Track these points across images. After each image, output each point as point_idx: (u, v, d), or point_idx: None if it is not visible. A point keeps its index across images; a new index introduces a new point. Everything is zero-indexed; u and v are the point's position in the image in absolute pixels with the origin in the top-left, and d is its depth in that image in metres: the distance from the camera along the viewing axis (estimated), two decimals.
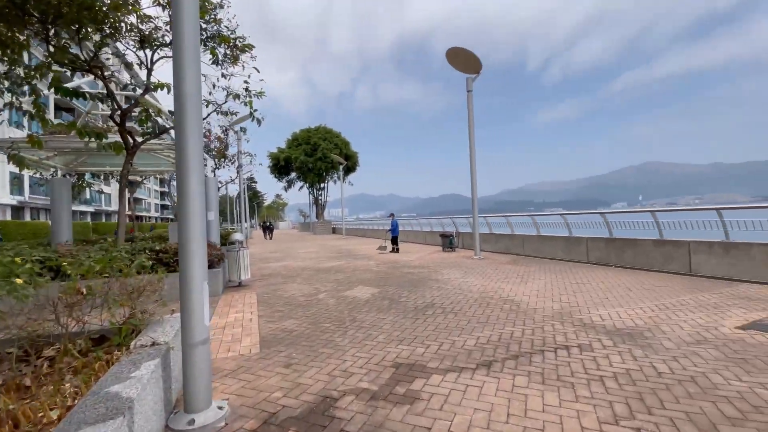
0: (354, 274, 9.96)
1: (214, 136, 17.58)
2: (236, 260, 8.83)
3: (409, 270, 10.34)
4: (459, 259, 12.61)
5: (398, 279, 8.93)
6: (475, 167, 12.70)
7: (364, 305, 6.43)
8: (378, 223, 31.40)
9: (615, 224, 10.27)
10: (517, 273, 9.23)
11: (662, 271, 8.79)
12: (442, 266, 10.86)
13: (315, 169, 40.66)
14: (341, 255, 15.57)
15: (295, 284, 8.85)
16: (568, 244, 11.44)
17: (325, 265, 12.33)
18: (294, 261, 13.97)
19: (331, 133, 42.46)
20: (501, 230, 15.00)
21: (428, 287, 7.76)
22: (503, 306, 6.02)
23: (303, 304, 6.73)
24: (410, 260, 12.65)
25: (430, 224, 20.14)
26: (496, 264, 11.00)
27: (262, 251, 19.73)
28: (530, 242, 12.90)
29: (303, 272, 10.81)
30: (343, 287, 8.18)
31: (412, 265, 11.44)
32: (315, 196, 45.91)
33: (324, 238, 31.23)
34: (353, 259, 13.88)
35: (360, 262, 12.58)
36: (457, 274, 9.38)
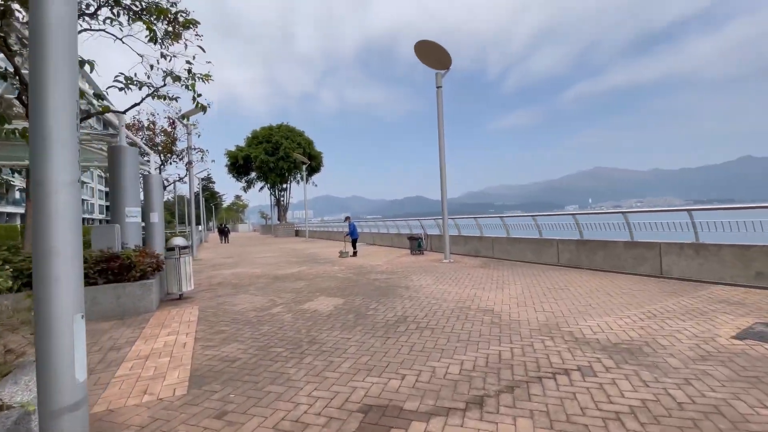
0: (315, 282, 9.01)
1: (159, 128, 15.88)
2: (175, 269, 7.61)
3: (377, 276, 9.54)
4: (428, 263, 11.99)
5: (365, 287, 8.10)
6: (444, 166, 12.15)
7: (325, 321, 5.54)
8: (344, 225, 30.35)
9: (579, 226, 10.07)
10: (491, 278, 8.70)
11: (634, 273, 8.60)
12: (412, 271, 10.16)
13: (276, 169, 38.86)
14: (303, 260, 14.49)
15: (247, 295, 7.77)
16: (538, 246, 11.14)
17: (284, 271, 11.25)
18: (249, 267, 12.73)
19: (293, 131, 40.84)
20: (470, 232, 14.60)
21: (399, 296, 6.99)
22: (483, 318, 5.37)
23: (253, 321, 5.73)
24: (378, 265, 11.86)
25: (397, 226, 19.50)
26: (467, 268, 10.46)
27: (215, 257, 18.14)
28: (500, 244, 12.54)
29: (258, 280, 9.69)
30: (302, 298, 7.23)
31: (379, 270, 10.66)
32: (277, 197, 44.01)
33: (285, 242, 29.74)
34: (316, 264, 12.88)
35: (323, 268, 11.62)
36: (429, 280, 8.71)
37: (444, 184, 12.16)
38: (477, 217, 13.65)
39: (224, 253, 19.86)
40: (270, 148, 38.83)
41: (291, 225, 42.17)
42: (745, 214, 7.20)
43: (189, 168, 16.62)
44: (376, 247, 19.51)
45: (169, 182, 18.92)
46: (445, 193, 12.19)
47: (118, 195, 9.51)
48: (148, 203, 13.69)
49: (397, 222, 19.48)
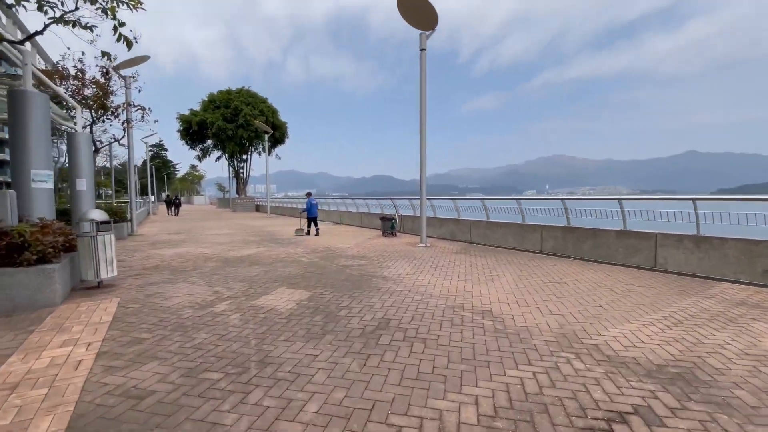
0: (275, 268, 7.65)
1: (89, 78, 13.30)
2: (92, 250, 5.96)
3: (348, 262, 8.32)
4: (403, 246, 10.92)
5: (334, 276, 6.87)
6: (425, 138, 10.94)
7: (284, 325, 4.28)
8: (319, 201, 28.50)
9: (567, 212, 9.35)
10: (475, 267, 7.77)
11: (625, 264, 8.00)
12: (387, 256, 9.04)
13: (235, 138, 35.85)
14: (262, 239, 12.94)
15: (187, 285, 6.30)
16: (521, 232, 10.37)
17: (238, 253, 9.74)
18: (198, 246, 11.05)
19: (255, 97, 37.66)
20: (445, 214, 13.66)
21: (376, 289, 5.84)
22: (484, 323, 4.35)
23: (187, 324, 4.35)
24: (347, 248, 10.63)
25: (368, 205, 18.26)
26: (446, 254, 9.49)
27: (160, 232, 16.06)
28: (479, 229, 11.69)
29: (205, 264, 8.17)
30: (256, 290, 5.89)
31: (350, 254, 9.44)
32: (236, 168, 41.00)
33: (244, 217, 27.63)
34: (276, 245, 11.42)
35: (284, 250, 10.22)
36: (408, 268, 7.62)
37: (423, 158, 10.99)
38: (456, 198, 12.68)
39: (172, 229, 17.74)
40: (228, 114, 35.59)
41: (251, 199, 39.60)
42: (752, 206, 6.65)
43: (128, 128, 14.22)
44: (344, 227, 18.21)
45: (103, 143, 16.29)
46: (424, 170, 11.04)
47: (20, 154, 7.47)
48: (75, 167, 11.51)
49: (368, 201, 18.22)
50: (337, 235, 14.20)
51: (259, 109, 36.45)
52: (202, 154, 41.19)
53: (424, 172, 11.04)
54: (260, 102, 37.53)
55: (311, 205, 14.49)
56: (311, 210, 14.47)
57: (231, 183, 46.26)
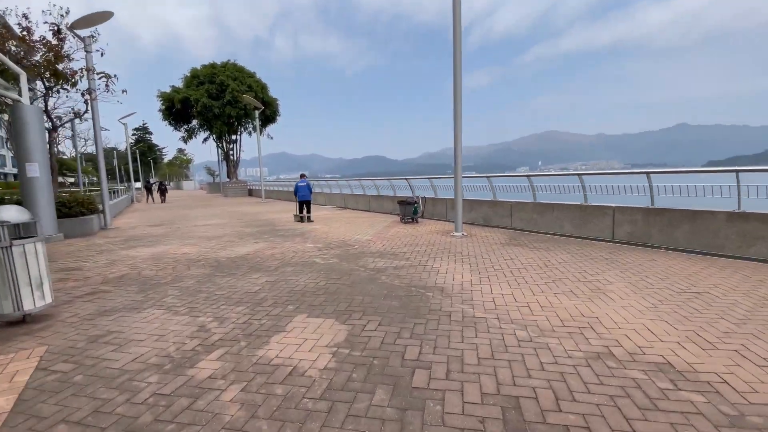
0: (284, 277, 5.62)
1: (38, 39, 10.76)
2: (4, 269, 3.86)
3: (378, 262, 6.31)
4: (435, 236, 8.91)
5: (370, 290, 4.86)
6: (460, 99, 8.77)
7: (326, 422, 2.28)
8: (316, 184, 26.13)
9: (652, 189, 7.37)
10: (552, 266, 5.81)
11: (740, 257, 6.11)
12: (424, 253, 7.04)
13: (223, 116, 33.00)
14: (260, 230, 10.84)
15: (158, 311, 4.26)
16: (582, 215, 8.41)
17: (232, 251, 7.67)
18: (182, 243, 8.94)
19: (242, 72, 34.57)
20: (473, 195, 11.64)
21: (445, 318, 3.84)
22: (694, 402, 2.39)
23: (145, 419, 2.32)
24: (367, 240, 8.60)
25: (376, 187, 16.14)
26: (497, 246, 7.52)
27: (141, 224, 13.85)
28: (522, 211, 9.70)
29: (188, 272, 6.11)
30: (263, 322, 3.87)
31: (374, 249, 7.42)
32: (225, 150, 38.25)
33: (237, 203, 25.36)
34: (279, 237, 9.35)
35: (290, 245, 8.16)
36: (464, 272, 5.62)
37: (459, 124, 8.84)
38: (493, 176, 10.62)
39: (155, 219, 15.51)
40: (214, 90, 32.60)
41: (243, 183, 37.10)
42: None
43: (91, 100, 11.76)
44: (350, 213, 16.12)
45: (63, 120, 13.76)
46: (459, 140, 8.90)
47: None
48: (23, 148, 9.28)
49: (377, 181, 16.09)
50: (346, 222, 12.14)
51: (247, 84, 33.47)
52: (188, 135, 38.27)
53: (459, 142, 8.91)
54: (248, 77, 34.48)
55: (299, 186, 12.77)
56: (300, 192, 12.72)
57: (221, 166, 43.54)
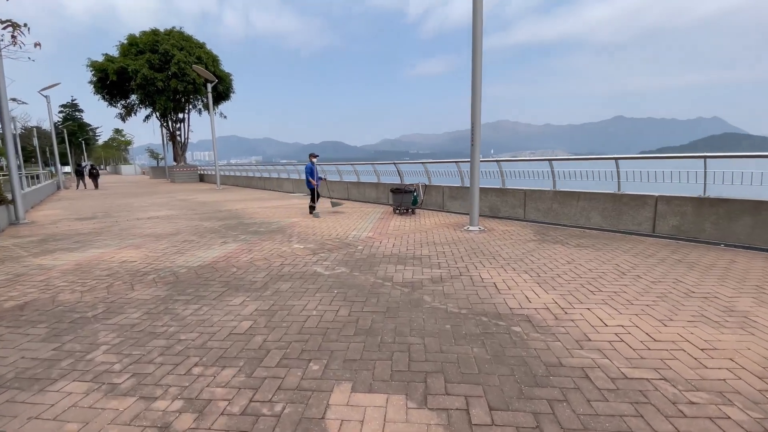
0: (282, 300, 3.86)
1: None
2: None
3: (403, 272, 4.71)
4: (448, 231, 7.45)
5: (421, 323, 3.27)
6: (480, 73, 7.26)
7: None
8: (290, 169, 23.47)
9: (706, 176, 6.40)
10: (630, 272, 4.56)
11: None
12: (451, 254, 5.53)
13: (167, 91, 28.97)
14: (226, 225, 8.75)
15: (76, 392, 2.38)
16: (616, 205, 7.33)
17: (194, 257, 5.69)
18: (121, 245, 6.73)
19: (190, 41, 30.51)
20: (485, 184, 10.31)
21: (587, 386, 2.36)
22: None
23: None
24: (369, 237, 6.93)
25: (356, 173, 14.33)
26: (531, 245, 6.20)
27: (69, 215, 11.08)
28: (540, 201, 8.51)
29: (131, 295, 4.14)
30: (276, 411, 2.17)
31: (386, 252, 5.79)
32: (171, 130, 34.04)
33: (188, 190, 22.32)
34: (253, 235, 7.40)
35: (273, 247, 6.30)
36: (534, 286, 4.17)
37: (477, 98, 7.34)
38: (507, 160, 9.30)
39: (86, 209, 12.64)
40: (156, 61, 28.42)
41: (193, 168, 33.31)
42: None
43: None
44: (324, 201, 14.25)
45: None
46: (478, 118, 7.41)
47: None
48: None
49: (357, 166, 14.28)
50: (330, 214, 10.34)
51: (196, 55, 29.58)
52: (126, 113, 33.51)
53: (478, 122, 7.42)
54: (196, 47, 30.50)
55: (308, 169, 9.86)
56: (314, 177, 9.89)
57: (166, 149, 39.04)
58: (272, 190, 20.70)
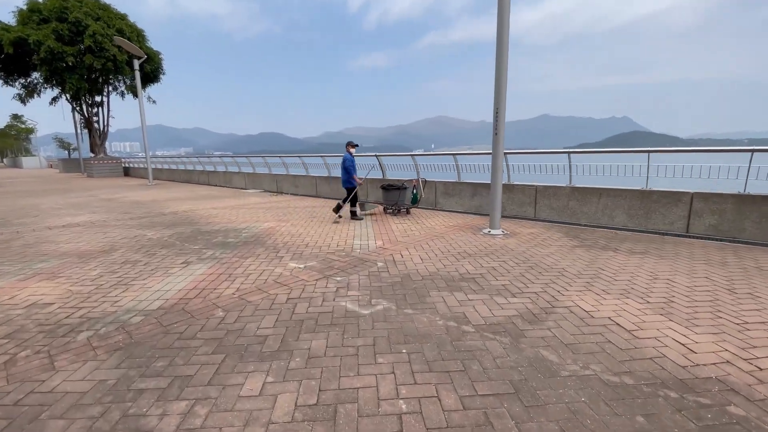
0: (341, 397, 2.36)
1: None
2: None
3: (473, 303, 3.39)
4: (465, 236, 6.25)
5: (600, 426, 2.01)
6: (507, 53, 6.10)
7: None
8: (204, 160, 20.65)
9: (750, 172, 5.93)
10: (734, 291, 3.72)
11: None
12: (508, 273, 4.33)
13: (81, 68, 24.26)
14: (178, 234, 6.72)
15: None
16: (645, 202, 6.67)
17: (149, 293, 3.85)
18: (28, 273, 4.57)
19: (108, 11, 25.81)
20: (471, 177, 9.30)
21: None
22: None
23: None
24: (383, 248, 5.47)
25: (327, 166, 12.61)
26: (580, 252, 5.23)
27: None
28: (553, 198, 7.68)
29: (50, 381, 2.33)
30: None
31: (423, 270, 4.40)
32: (87, 115, 28.90)
33: (113, 186, 18.78)
34: (222, 248, 5.56)
35: (260, 267, 4.61)
36: (674, 326, 3.10)
37: (503, 83, 6.19)
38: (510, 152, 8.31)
39: None
40: (66, 32, 23.55)
41: (116, 160, 28.60)
42: None
43: None
44: (292, 199, 12.43)
45: None
46: (503, 103, 6.26)
47: None
48: None
49: (327, 158, 12.55)
50: (307, 216, 8.67)
51: (117, 27, 25.09)
52: (27, 94, 27.72)
53: (503, 106, 6.27)
54: (117, 18, 25.91)
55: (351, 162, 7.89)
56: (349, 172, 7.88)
57: (80, 137, 33.41)
58: (220, 185, 18.11)
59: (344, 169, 7.88)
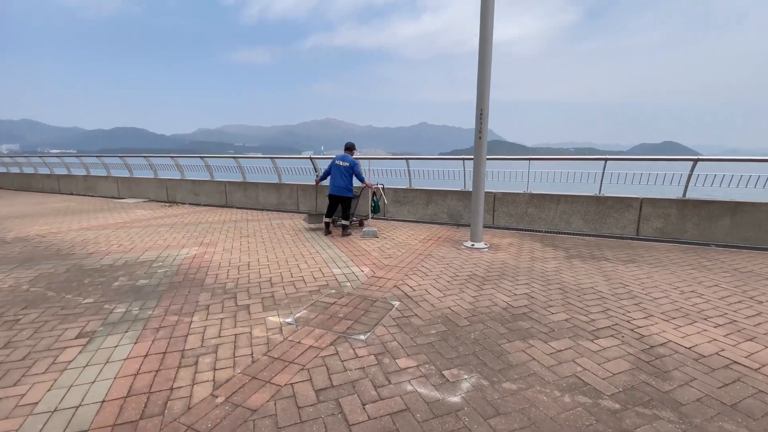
0: None
1: None
2: None
3: (589, 364, 2.59)
4: (453, 251, 5.48)
5: None
6: (490, 50, 5.50)
7: None
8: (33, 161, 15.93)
9: None
10: (757, 299, 3.78)
11: None
12: (548, 298, 3.69)
13: None
14: (52, 281, 4.30)
15: None
16: (600, 208, 6.93)
17: None
18: None
19: None
20: (423, 184, 8.68)
21: None
22: None
23: None
24: (375, 277, 4.29)
25: (241, 169, 10.43)
26: (575, 262, 4.95)
27: None
28: (511, 204, 7.52)
29: None
30: None
31: (462, 309, 3.43)
32: None
33: None
34: (151, 303, 3.63)
35: (230, 332, 2.99)
36: None
37: (486, 87, 5.58)
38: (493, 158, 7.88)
39: None
40: None
41: None
42: None
43: None
44: (195, 210, 10.05)
45: None
46: (486, 107, 5.65)
47: None
48: None
49: (242, 160, 10.39)
50: (227, 235, 6.82)
51: None
52: None
53: (486, 107, 5.67)
54: None
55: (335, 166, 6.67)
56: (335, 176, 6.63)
57: None
58: (79, 194, 13.87)
59: (349, 176, 6.59)
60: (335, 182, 6.63)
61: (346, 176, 6.64)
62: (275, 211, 9.69)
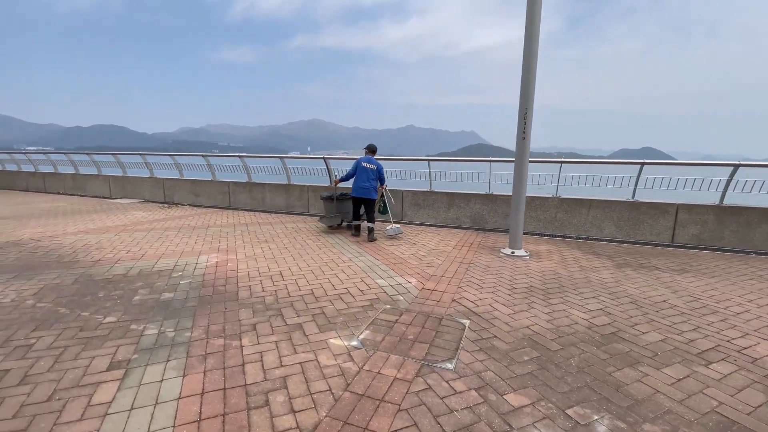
0: None
1: None
2: None
3: None
4: (493, 260, 5.13)
5: None
6: (536, 55, 5.18)
7: None
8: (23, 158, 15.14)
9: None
10: None
11: None
12: (665, 321, 3.38)
13: None
14: (61, 295, 3.75)
15: None
16: (634, 214, 6.70)
17: None
18: None
19: None
20: (443, 186, 8.33)
21: None
22: None
23: None
24: (429, 290, 3.90)
25: (246, 168, 9.89)
26: (628, 272, 4.67)
27: None
28: (540, 209, 7.24)
29: None
30: None
31: (577, 339, 3.08)
32: None
33: None
34: (186, 322, 3.14)
35: (296, 365, 2.56)
36: None
37: (531, 86, 5.26)
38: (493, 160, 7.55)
39: None
40: None
41: None
42: None
43: None
44: (198, 212, 9.48)
45: None
46: (531, 106, 5.33)
47: None
48: None
49: (247, 159, 9.84)
50: (245, 239, 6.33)
51: None
52: None
53: (531, 102, 5.34)
54: None
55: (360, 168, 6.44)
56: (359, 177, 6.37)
57: None
58: (67, 194, 13.03)
59: (375, 178, 6.40)
60: (361, 184, 6.30)
61: (372, 178, 6.35)
62: (284, 213, 9.19)
